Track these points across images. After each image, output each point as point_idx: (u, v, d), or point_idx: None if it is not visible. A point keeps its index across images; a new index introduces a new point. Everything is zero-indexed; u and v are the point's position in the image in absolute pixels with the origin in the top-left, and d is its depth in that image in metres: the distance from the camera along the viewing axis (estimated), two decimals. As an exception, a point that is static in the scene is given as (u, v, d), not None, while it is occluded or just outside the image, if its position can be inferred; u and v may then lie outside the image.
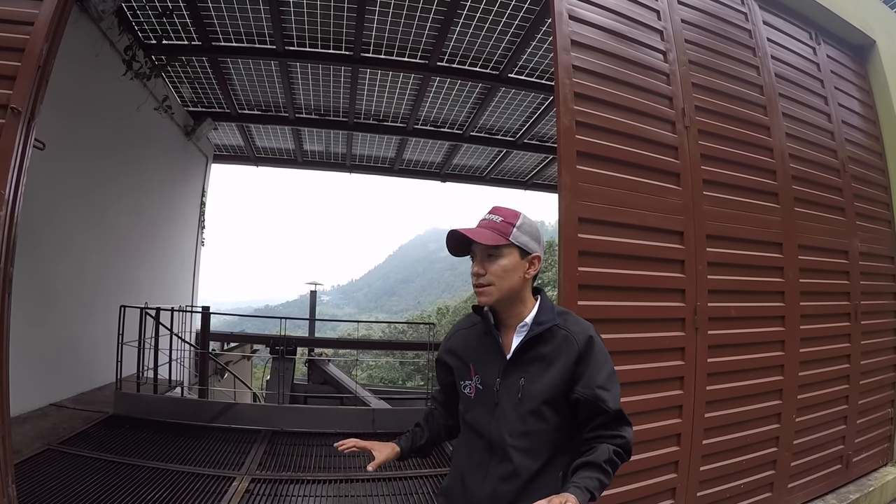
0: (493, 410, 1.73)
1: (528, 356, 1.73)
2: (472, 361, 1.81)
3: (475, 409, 1.78)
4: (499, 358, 1.76)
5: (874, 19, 5.23)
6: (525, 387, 1.69)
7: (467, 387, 1.81)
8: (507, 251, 1.72)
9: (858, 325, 4.45)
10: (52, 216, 6.16)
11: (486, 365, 1.78)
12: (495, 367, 1.76)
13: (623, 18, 3.51)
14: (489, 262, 1.72)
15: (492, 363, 1.77)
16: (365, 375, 25.29)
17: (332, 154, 12.36)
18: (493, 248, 1.71)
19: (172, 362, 8.09)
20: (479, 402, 1.77)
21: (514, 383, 1.71)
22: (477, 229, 1.74)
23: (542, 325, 1.73)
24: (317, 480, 4.60)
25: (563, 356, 1.69)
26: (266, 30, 7.12)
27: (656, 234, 3.30)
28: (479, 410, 1.76)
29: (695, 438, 3.34)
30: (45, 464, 4.38)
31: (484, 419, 1.74)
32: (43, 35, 2.74)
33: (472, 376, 1.80)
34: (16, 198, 2.62)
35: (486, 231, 1.71)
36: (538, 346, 1.72)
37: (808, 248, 4.10)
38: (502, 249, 1.72)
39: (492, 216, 1.77)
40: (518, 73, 7.99)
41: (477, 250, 1.74)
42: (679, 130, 3.51)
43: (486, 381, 1.76)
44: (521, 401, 1.69)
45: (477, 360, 1.81)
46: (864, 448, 4.54)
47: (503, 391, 1.72)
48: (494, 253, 1.72)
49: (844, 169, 4.57)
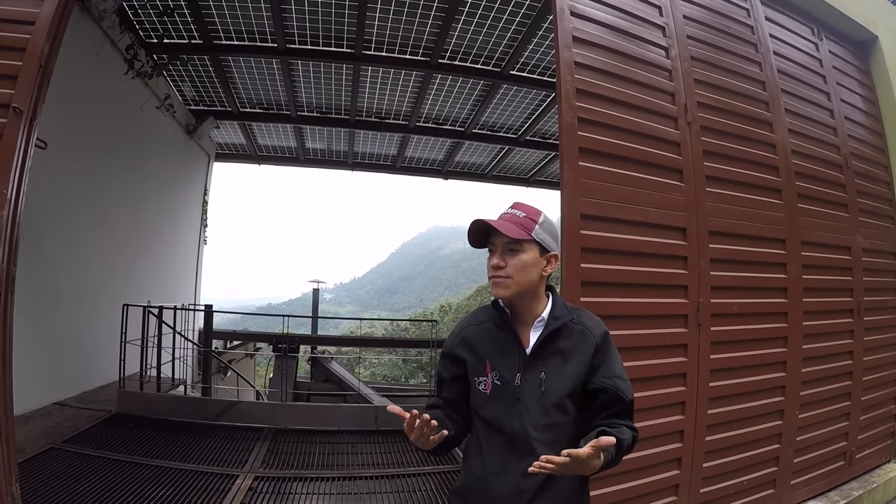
0: (514, 405, 1.72)
1: (546, 350, 1.75)
2: (489, 357, 1.79)
3: (492, 404, 1.76)
4: (518, 353, 1.77)
5: (877, 14, 5.22)
6: (546, 380, 1.72)
7: (482, 383, 1.79)
8: (529, 246, 1.74)
9: (861, 322, 4.44)
10: (55, 215, 6.17)
11: (505, 360, 1.77)
12: (514, 362, 1.76)
13: (625, 14, 3.50)
14: (510, 255, 1.74)
15: (510, 358, 1.77)
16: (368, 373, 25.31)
17: (334, 152, 12.37)
18: (514, 241, 1.73)
19: (175, 361, 8.10)
20: (497, 398, 1.75)
21: (536, 377, 1.72)
22: (501, 221, 1.75)
23: (559, 320, 1.77)
24: (320, 478, 4.60)
25: (580, 350, 1.75)
26: (267, 28, 7.12)
27: (659, 230, 3.30)
28: (497, 406, 1.75)
29: (697, 435, 3.34)
30: (48, 462, 4.38)
31: (503, 414, 1.73)
32: (44, 34, 2.74)
33: (489, 372, 1.78)
34: (18, 197, 2.63)
35: (511, 224, 1.73)
36: (556, 341, 1.76)
37: (811, 245, 4.10)
38: (524, 244, 1.74)
39: (515, 210, 1.79)
40: (520, 70, 7.99)
41: (498, 243, 1.75)
42: (681, 127, 3.51)
43: (505, 377, 1.75)
44: (543, 394, 1.71)
45: (494, 355, 1.79)
46: (867, 444, 4.53)
47: (525, 386, 1.72)
48: (516, 247, 1.73)
49: (847, 165, 4.56)
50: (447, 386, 1.91)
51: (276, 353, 9.25)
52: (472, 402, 1.84)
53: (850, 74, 5.00)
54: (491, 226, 1.74)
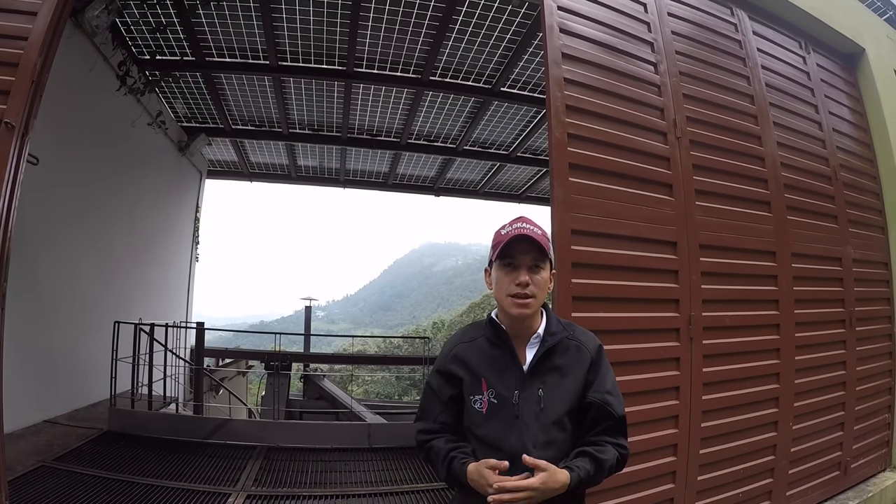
0: (512, 423, 1.71)
1: (543, 367, 1.75)
2: (485, 375, 1.77)
3: (488, 423, 1.74)
4: (515, 370, 1.75)
5: (863, 27, 5.29)
6: (545, 397, 1.71)
7: (477, 401, 1.76)
8: (546, 265, 1.76)
9: (853, 332, 4.45)
10: (46, 231, 6.14)
11: (501, 377, 1.75)
12: (512, 379, 1.75)
13: (614, 31, 3.54)
14: (534, 273, 1.73)
15: (507, 376, 1.75)
16: (361, 390, 25.24)
17: (326, 169, 12.42)
18: (542, 258, 1.73)
19: (167, 378, 8.02)
20: (493, 416, 1.73)
21: (534, 394, 1.72)
22: (542, 237, 1.73)
23: (555, 336, 1.77)
24: (313, 496, 4.56)
25: (577, 366, 1.76)
26: (259, 45, 7.15)
27: (649, 244, 3.31)
28: (494, 425, 1.73)
29: (691, 448, 3.33)
30: (38, 480, 4.32)
31: (500, 433, 1.71)
32: (37, 50, 2.75)
33: (485, 390, 1.76)
34: (9, 212, 2.62)
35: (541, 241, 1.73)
36: (553, 357, 1.76)
37: (802, 256, 4.12)
38: (546, 261, 1.75)
39: (532, 227, 1.77)
40: (510, 86, 8.06)
41: (524, 260, 1.73)
42: (671, 141, 3.53)
43: (502, 395, 1.73)
44: (542, 411, 1.70)
45: (489, 373, 1.77)
46: (863, 454, 4.53)
47: (523, 403, 1.71)
48: (540, 265, 1.74)
49: (836, 176, 4.60)
50: (445, 408, 1.85)
51: (269, 370, 9.21)
52: (467, 422, 1.81)
53: (837, 87, 5.05)
54: (525, 238, 1.71)
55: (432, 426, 1.86)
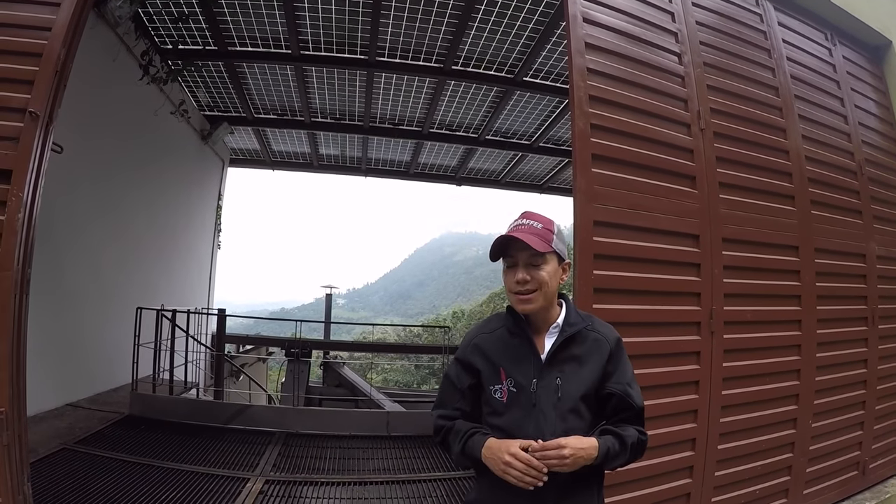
0: (530, 411, 1.72)
1: (561, 356, 1.77)
2: (503, 364, 1.79)
3: (508, 412, 1.76)
4: (533, 359, 1.77)
5: (890, 19, 5.17)
6: (562, 386, 1.73)
7: (497, 391, 1.78)
8: (549, 258, 1.76)
9: (876, 330, 4.38)
10: (70, 219, 6.25)
11: (520, 367, 1.77)
12: (530, 368, 1.76)
13: (637, 21, 3.50)
14: (534, 269, 1.74)
15: (525, 365, 1.77)
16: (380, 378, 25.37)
17: (348, 158, 12.45)
18: (538, 255, 1.73)
19: (188, 364, 8.16)
20: (513, 405, 1.75)
21: (551, 383, 1.73)
22: (527, 235, 1.73)
23: (574, 327, 1.79)
24: (331, 482, 4.61)
25: (595, 356, 1.77)
26: (281, 34, 7.19)
27: (671, 237, 3.29)
28: (513, 413, 1.75)
29: (710, 443, 3.32)
30: (60, 463, 4.43)
31: (519, 421, 1.73)
32: (60, 40, 2.79)
33: (504, 380, 1.77)
34: (34, 200, 2.67)
35: (534, 237, 1.73)
36: (571, 347, 1.77)
37: (825, 252, 4.06)
38: (546, 256, 1.75)
39: (531, 222, 1.78)
40: (533, 76, 8.02)
41: (520, 257, 1.75)
42: (694, 133, 3.50)
43: (521, 383, 1.75)
44: (560, 400, 1.72)
45: (507, 362, 1.79)
46: (881, 454, 4.47)
47: (541, 392, 1.72)
48: (539, 260, 1.74)
49: (861, 171, 4.52)
50: (465, 397, 1.87)
51: (289, 357, 9.28)
52: (486, 411, 1.83)
53: (863, 80, 4.96)
54: (513, 239, 1.73)
55: (451, 413, 1.88)
